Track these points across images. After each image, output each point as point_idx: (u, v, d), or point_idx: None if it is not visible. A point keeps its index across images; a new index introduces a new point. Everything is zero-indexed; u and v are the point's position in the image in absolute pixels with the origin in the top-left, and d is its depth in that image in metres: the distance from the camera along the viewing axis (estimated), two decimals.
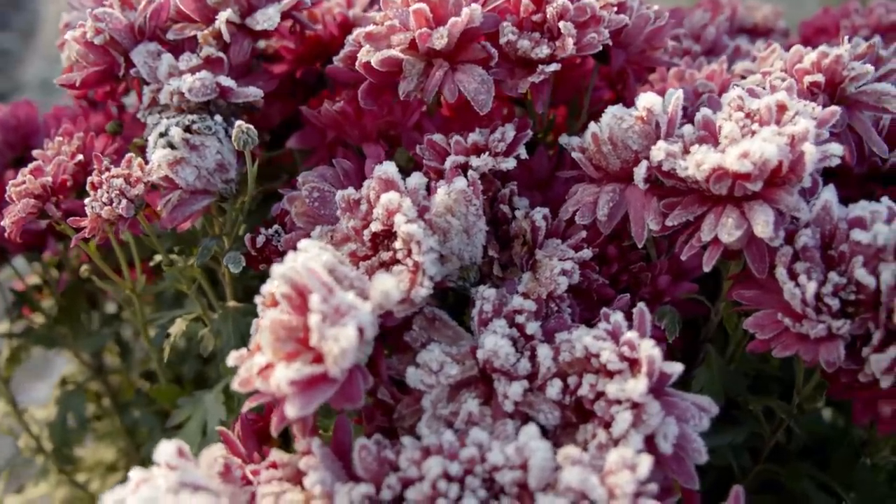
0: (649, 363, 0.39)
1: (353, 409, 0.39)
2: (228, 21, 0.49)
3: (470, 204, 0.46)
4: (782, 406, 0.49)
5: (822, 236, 0.43)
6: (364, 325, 0.37)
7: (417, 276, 0.42)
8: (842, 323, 0.42)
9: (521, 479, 0.37)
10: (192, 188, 0.48)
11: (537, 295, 0.45)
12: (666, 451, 0.39)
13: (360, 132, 0.52)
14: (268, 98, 0.63)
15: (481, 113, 0.47)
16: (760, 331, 0.43)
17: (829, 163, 0.44)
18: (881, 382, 0.41)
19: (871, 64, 0.58)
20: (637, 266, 0.50)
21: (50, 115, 0.60)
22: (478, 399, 0.42)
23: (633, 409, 0.39)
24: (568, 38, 0.48)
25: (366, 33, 0.49)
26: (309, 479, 0.37)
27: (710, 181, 0.43)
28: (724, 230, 0.42)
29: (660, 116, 0.46)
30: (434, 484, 0.37)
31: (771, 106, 0.45)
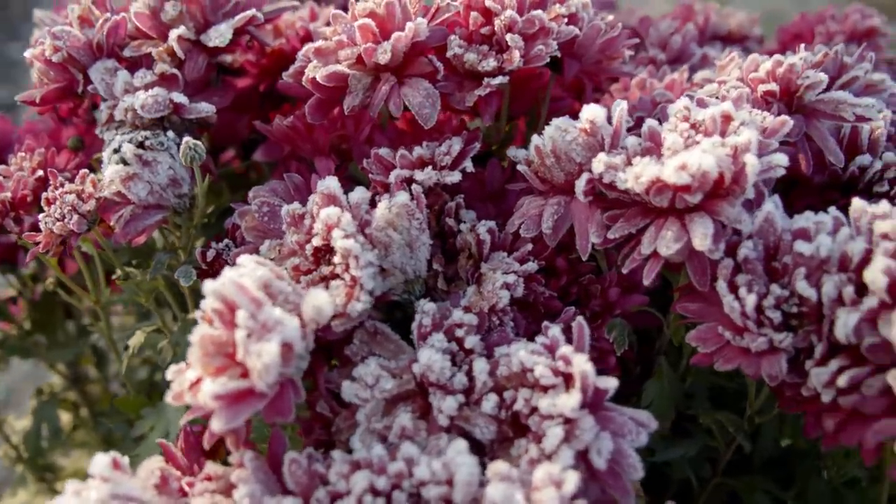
0: (582, 378, 0.39)
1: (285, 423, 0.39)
2: (182, 38, 0.50)
3: (413, 218, 0.46)
4: (732, 420, 0.48)
5: (765, 248, 0.43)
6: (291, 341, 0.37)
7: (355, 291, 0.43)
8: (784, 336, 0.41)
9: (446, 494, 0.37)
10: (145, 203, 0.49)
11: (479, 308, 0.45)
12: (600, 467, 0.39)
13: (313, 146, 0.53)
14: (235, 112, 0.64)
15: (426, 126, 0.47)
16: (703, 344, 0.43)
17: (774, 174, 0.43)
18: (822, 396, 0.40)
19: (836, 71, 0.58)
20: (587, 278, 0.50)
21: (23, 130, 0.61)
22: (413, 413, 0.42)
23: (565, 425, 0.39)
24: (515, 51, 0.49)
25: (314, 49, 0.49)
26: (238, 492, 0.38)
27: (651, 193, 0.42)
28: (662, 243, 0.42)
29: (604, 128, 0.46)
30: (360, 499, 0.37)
31: (716, 116, 0.45)
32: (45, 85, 0.51)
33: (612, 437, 0.40)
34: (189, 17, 0.51)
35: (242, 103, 0.64)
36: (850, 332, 0.39)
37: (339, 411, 0.43)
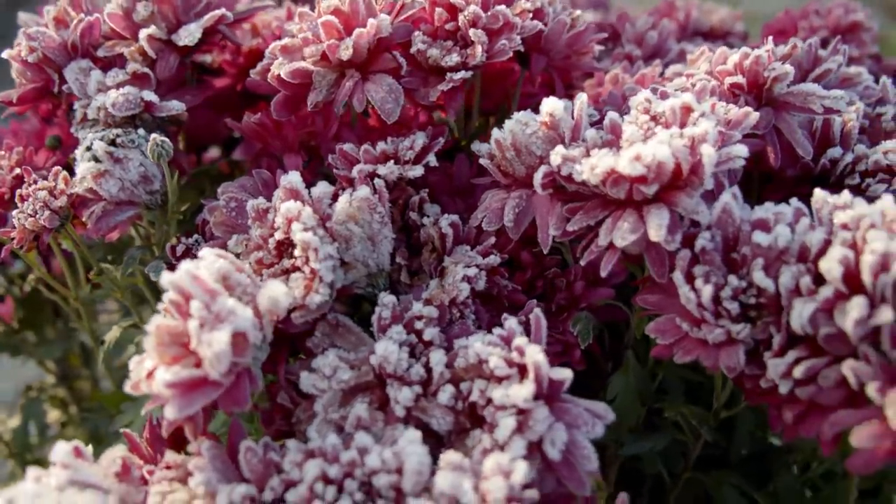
0: (536, 369, 0.39)
1: (248, 414, 0.40)
2: (153, 37, 0.51)
3: (374, 211, 0.46)
4: (697, 413, 0.48)
5: (724, 239, 0.43)
6: (244, 330, 0.38)
7: (314, 283, 0.43)
8: (741, 327, 0.41)
9: (396, 482, 0.37)
10: (117, 199, 0.50)
11: (440, 301, 0.46)
12: (554, 458, 0.39)
13: (282, 143, 0.53)
14: (215, 111, 0.65)
15: (388, 121, 0.48)
16: (661, 336, 0.43)
17: (733, 164, 0.43)
18: (780, 387, 0.40)
19: (810, 64, 0.57)
20: (552, 272, 0.50)
21: (7, 131, 0.63)
22: (371, 404, 0.42)
23: (518, 415, 0.39)
24: (478, 46, 0.49)
25: (281, 46, 0.50)
26: (194, 479, 0.38)
27: (607, 185, 0.42)
28: (618, 234, 0.42)
29: (564, 121, 0.46)
30: (311, 487, 0.37)
31: (675, 108, 0.45)
32: (22, 85, 0.52)
33: (567, 429, 0.40)
34: (161, 17, 0.52)
35: (222, 103, 0.65)
36: (806, 322, 0.38)
37: (300, 402, 0.44)
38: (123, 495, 0.39)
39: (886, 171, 0.52)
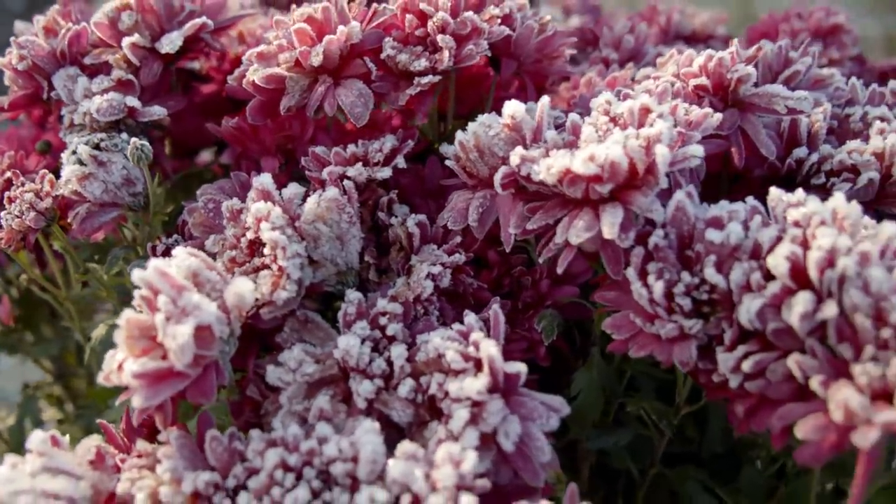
0: (490, 363, 0.41)
1: (207, 403, 0.41)
2: (136, 45, 0.53)
3: (343, 212, 0.48)
4: (657, 408, 0.49)
5: (679, 237, 0.44)
6: (208, 324, 0.39)
7: (281, 280, 0.45)
8: (693, 322, 0.42)
9: (352, 470, 0.38)
10: (101, 201, 0.52)
11: (405, 298, 0.47)
12: (508, 449, 0.40)
13: (260, 147, 0.55)
14: (204, 117, 0.67)
15: (358, 125, 0.49)
16: (617, 331, 0.44)
17: (690, 164, 0.44)
18: (731, 381, 0.41)
19: (780, 66, 0.58)
20: (518, 271, 0.51)
21: (3, 136, 0.65)
22: (335, 396, 0.44)
23: (473, 407, 0.40)
24: (445, 51, 0.51)
25: (257, 53, 0.52)
26: (161, 467, 0.40)
27: (564, 184, 0.44)
28: (574, 232, 0.43)
29: (525, 123, 0.47)
30: (271, 474, 0.39)
31: (633, 110, 0.46)
32: (14, 92, 0.55)
33: (522, 421, 0.41)
34: (145, 25, 0.54)
35: (211, 108, 0.67)
36: (754, 317, 0.39)
37: (268, 395, 0.46)
38: (96, 482, 0.41)
39: (851, 170, 0.53)
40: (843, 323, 0.38)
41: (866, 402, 0.35)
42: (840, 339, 0.38)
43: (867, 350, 0.37)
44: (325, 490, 0.39)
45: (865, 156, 0.53)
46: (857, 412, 0.35)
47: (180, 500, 0.39)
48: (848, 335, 0.38)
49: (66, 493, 0.38)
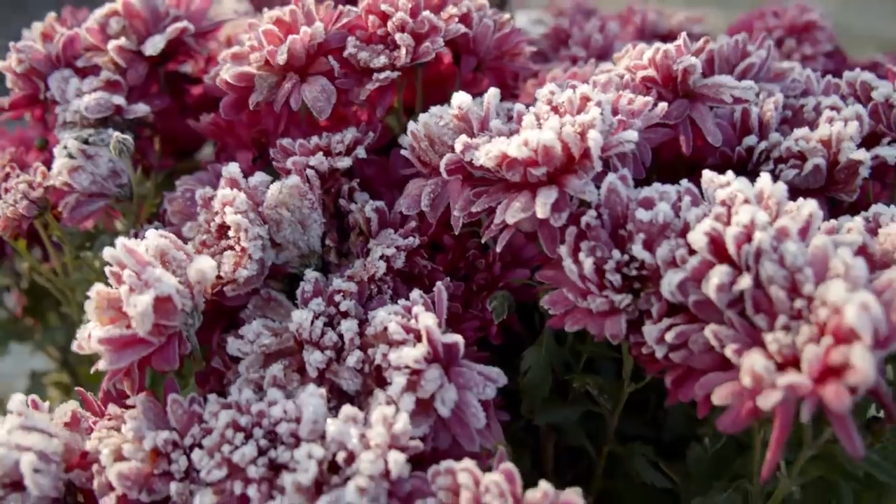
0: (427, 333, 0.43)
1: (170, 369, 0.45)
2: (123, 48, 0.58)
3: (304, 198, 0.51)
4: (600, 384, 0.51)
5: (613, 217, 0.46)
6: (167, 295, 0.43)
7: (243, 260, 0.48)
8: (622, 297, 0.44)
9: (295, 430, 0.41)
10: (89, 192, 0.56)
11: (360, 278, 0.50)
12: (444, 414, 0.43)
13: (236, 140, 0.59)
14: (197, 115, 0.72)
15: (320, 118, 0.53)
16: (554, 307, 0.46)
17: (624, 148, 0.47)
18: (657, 352, 0.43)
19: (737, 59, 0.60)
20: (472, 254, 0.54)
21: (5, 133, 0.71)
22: (290, 367, 0.47)
23: (412, 375, 0.43)
24: (402, 48, 0.54)
25: (231, 53, 0.56)
26: (126, 426, 0.43)
27: (504, 168, 0.46)
28: (510, 213, 0.45)
29: (473, 113, 0.50)
30: (223, 433, 0.42)
31: (573, 98, 0.49)
32: (14, 93, 0.60)
33: (459, 390, 0.44)
34: (132, 30, 0.59)
35: (204, 108, 0.71)
36: (675, 289, 0.41)
37: (231, 366, 0.49)
38: (68, 440, 0.45)
39: (798, 156, 0.55)
40: (760, 295, 0.40)
41: (771, 367, 0.37)
42: (756, 310, 0.40)
43: (780, 319, 0.39)
44: (272, 448, 0.42)
45: (812, 143, 0.54)
46: (762, 376, 0.37)
47: (141, 455, 0.42)
48: (764, 306, 0.40)
49: (39, 447, 0.42)
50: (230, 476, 0.41)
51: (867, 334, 0.35)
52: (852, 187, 0.55)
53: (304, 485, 0.39)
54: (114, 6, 0.58)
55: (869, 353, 0.35)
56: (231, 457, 0.41)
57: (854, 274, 0.38)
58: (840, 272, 0.38)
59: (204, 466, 0.41)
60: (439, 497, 0.39)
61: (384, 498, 0.39)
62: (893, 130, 0.57)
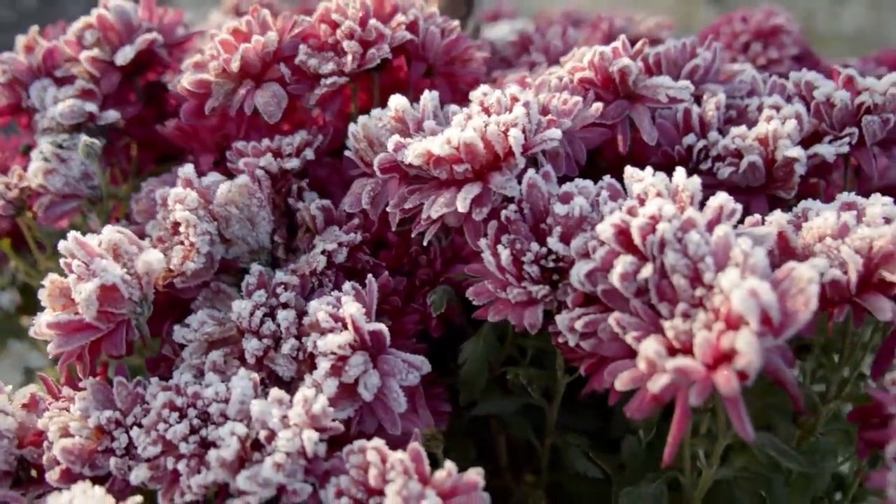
0: (352, 321, 0.46)
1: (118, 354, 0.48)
2: (96, 59, 0.62)
3: (253, 196, 0.54)
4: (534, 375, 0.52)
5: (535, 212, 0.48)
6: (112, 283, 0.46)
7: (191, 253, 0.51)
8: (539, 288, 0.46)
9: (224, 409, 0.44)
10: (62, 193, 0.60)
11: (303, 272, 0.53)
12: (366, 398, 0.45)
13: (200, 144, 0.63)
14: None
15: (270, 122, 0.56)
16: (477, 298, 0.48)
17: (547, 146, 0.49)
18: (569, 341, 0.44)
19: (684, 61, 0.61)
20: (415, 250, 0.56)
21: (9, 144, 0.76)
22: (230, 354, 0.50)
23: (338, 361, 0.45)
24: (349, 55, 0.57)
25: (194, 62, 0.60)
26: (74, 406, 0.47)
27: (431, 166, 0.49)
28: (434, 207, 0.48)
29: (409, 114, 0.53)
30: (160, 412, 0.45)
31: (501, 99, 0.51)
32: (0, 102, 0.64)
33: (383, 376, 0.46)
34: (106, 41, 0.63)
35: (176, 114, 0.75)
36: (583, 279, 0.43)
37: (181, 353, 0.52)
38: (24, 420, 0.48)
39: (735, 154, 0.56)
40: (664, 284, 0.41)
41: (662, 351, 0.38)
42: (660, 299, 0.41)
43: (680, 307, 0.40)
44: (203, 427, 0.44)
45: (748, 141, 0.56)
46: (655, 361, 0.38)
47: (86, 433, 0.45)
48: (668, 295, 0.41)
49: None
50: (164, 453, 0.44)
51: (754, 319, 0.36)
52: (791, 185, 0.56)
53: (227, 460, 0.42)
54: (89, 19, 0.62)
55: (755, 338, 0.36)
56: (165, 434, 0.44)
57: (752, 262, 0.39)
58: (739, 261, 0.40)
59: (141, 443, 0.44)
60: (351, 474, 0.41)
61: (300, 474, 0.42)
62: (835, 129, 0.58)
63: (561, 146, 0.53)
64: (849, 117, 0.58)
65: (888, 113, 0.57)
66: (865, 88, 0.57)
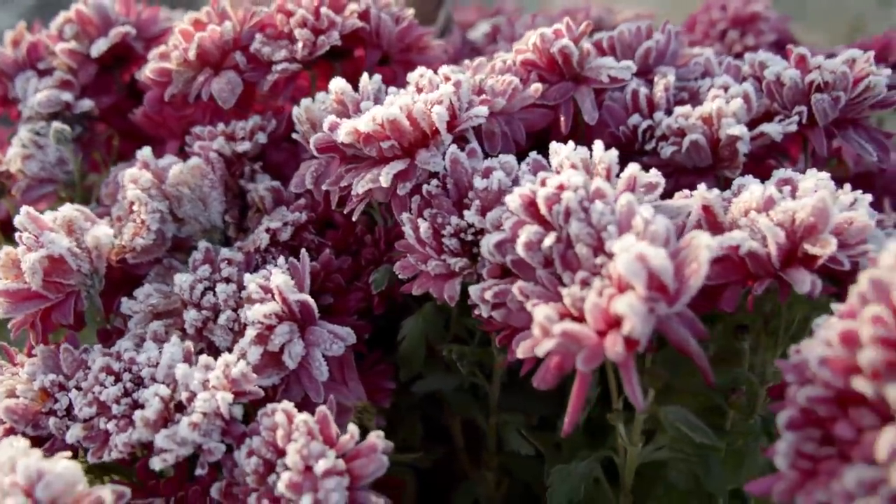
0: (279, 292, 0.47)
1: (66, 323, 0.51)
2: (72, 51, 0.66)
3: (205, 178, 0.57)
4: (467, 352, 0.53)
5: (459, 187, 0.49)
6: (59, 255, 0.49)
7: (141, 230, 0.54)
8: (457, 260, 0.47)
9: (153, 374, 0.46)
10: (39, 177, 0.64)
11: (248, 249, 0.55)
12: (290, 366, 0.47)
13: (166, 130, 0.66)
14: None
15: (224, 108, 0.59)
16: (403, 272, 0.49)
17: (472, 123, 0.50)
18: (482, 312, 0.45)
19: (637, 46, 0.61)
20: (360, 230, 0.58)
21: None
22: (174, 325, 0.52)
23: (265, 330, 0.47)
24: (300, 42, 0.59)
25: (159, 53, 0.63)
26: (23, 370, 0.50)
27: (361, 143, 0.50)
28: (361, 183, 0.49)
29: (348, 96, 0.54)
30: (97, 375, 0.47)
31: (433, 79, 0.52)
32: None
33: (308, 346, 0.47)
34: (84, 35, 0.67)
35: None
36: (492, 249, 0.44)
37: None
38: None
39: (677, 133, 0.55)
40: (570, 254, 0.42)
41: (553, 315, 0.39)
42: (564, 268, 0.42)
43: (579, 274, 0.40)
44: (136, 390, 0.47)
45: (691, 120, 0.55)
46: (545, 325, 0.39)
47: (31, 395, 0.48)
48: (572, 264, 0.42)
49: None
50: (99, 414, 0.46)
51: (640, 283, 0.36)
52: (736, 164, 0.55)
53: (150, 419, 0.44)
54: (69, 14, 0.66)
55: (639, 302, 0.36)
56: (100, 396, 0.46)
57: (651, 229, 0.39)
58: (640, 229, 0.40)
59: (78, 405, 0.47)
60: (262, 435, 0.43)
61: (217, 435, 0.43)
62: (787, 108, 0.57)
63: (497, 125, 0.53)
64: (800, 96, 0.57)
65: (838, 91, 0.55)
66: (816, 67, 0.56)
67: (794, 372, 0.37)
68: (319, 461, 0.39)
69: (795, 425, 0.36)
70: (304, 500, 0.38)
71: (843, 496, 0.33)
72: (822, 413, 0.35)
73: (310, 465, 0.39)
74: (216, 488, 0.43)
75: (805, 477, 0.35)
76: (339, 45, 0.61)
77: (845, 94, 0.56)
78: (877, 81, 0.55)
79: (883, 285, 0.34)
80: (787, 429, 0.36)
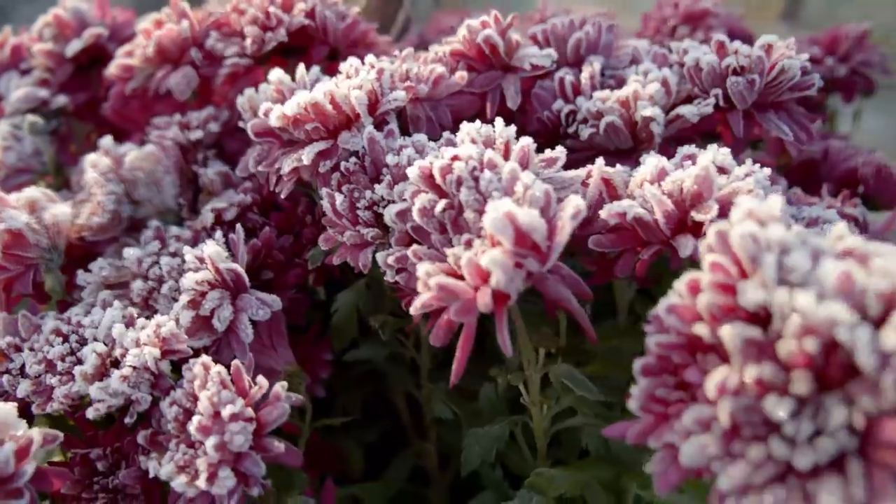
0: (211, 262, 0.52)
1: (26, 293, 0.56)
2: (49, 52, 0.72)
3: (159, 163, 0.62)
4: (390, 321, 0.56)
5: (376, 164, 0.53)
6: (18, 229, 0.54)
7: (98, 210, 0.59)
8: (369, 231, 0.50)
9: (95, 334, 0.51)
10: (16, 167, 0.70)
11: (196, 228, 0.59)
12: (218, 328, 0.51)
13: (133, 124, 0.71)
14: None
15: (179, 100, 0.64)
16: (325, 244, 0.53)
17: (391, 106, 0.53)
18: (387, 276, 0.48)
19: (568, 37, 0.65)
20: (301, 210, 0.62)
21: None
22: (122, 294, 0.57)
23: (198, 296, 0.51)
24: (248, 39, 0.64)
25: (125, 51, 0.68)
26: None
27: (291, 127, 0.54)
28: (287, 162, 0.53)
29: (285, 85, 0.59)
30: (47, 337, 0.52)
31: (357, 67, 0.56)
32: None
33: (237, 311, 0.51)
34: (62, 37, 0.73)
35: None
36: (394, 217, 0.47)
37: None
38: None
39: (595, 116, 0.58)
40: (461, 220, 0.45)
41: (433, 270, 0.42)
42: (455, 232, 0.45)
43: (464, 236, 0.44)
44: (80, 350, 0.51)
45: (609, 103, 0.58)
46: (425, 281, 0.42)
47: None
48: (462, 228, 0.45)
49: None
50: (46, 371, 0.51)
51: (506, 240, 0.39)
52: (653, 146, 0.58)
53: (87, 373, 0.48)
54: (47, 17, 0.72)
55: (505, 257, 0.39)
56: (48, 355, 0.51)
57: (530, 194, 0.42)
58: (521, 195, 0.43)
59: (28, 363, 0.51)
60: (184, 387, 0.47)
61: (146, 387, 0.48)
62: (706, 92, 0.59)
63: (422, 110, 0.57)
64: (718, 80, 0.59)
65: (754, 74, 0.58)
66: (734, 51, 0.59)
67: (654, 322, 0.39)
68: (227, 406, 0.43)
69: (649, 371, 0.38)
70: (210, 440, 0.42)
71: (682, 434, 0.35)
72: (676, 360, 0.38)
73: (219, 410, 0.43)
74: (142, 436, 0.47)
75: (659, 420, 0.38)
76: (291, 42, 0.65)
77: (761, 77, 0.58)
78: (790, 65, 0.58)
79: (724, 235, 0.36)
80: (641, 374, 0.38)
